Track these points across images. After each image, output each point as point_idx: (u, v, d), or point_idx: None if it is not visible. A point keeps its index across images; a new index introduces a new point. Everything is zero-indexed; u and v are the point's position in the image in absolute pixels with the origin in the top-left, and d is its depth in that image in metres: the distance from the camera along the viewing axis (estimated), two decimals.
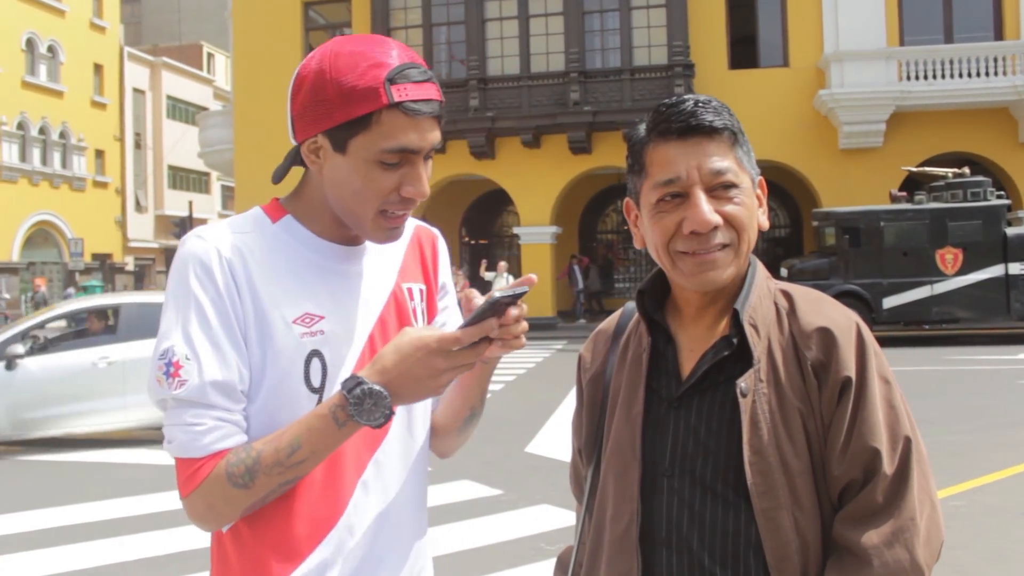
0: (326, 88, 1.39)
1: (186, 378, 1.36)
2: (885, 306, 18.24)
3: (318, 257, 1.50)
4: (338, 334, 1.47)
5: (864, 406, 1.36)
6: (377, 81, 1.37)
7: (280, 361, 1.42)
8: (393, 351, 1.35)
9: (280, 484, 1.38)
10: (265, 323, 1.42)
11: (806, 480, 1.36)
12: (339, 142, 1.41)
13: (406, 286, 1.60)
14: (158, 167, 47.28)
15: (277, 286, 1.44)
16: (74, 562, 5.71)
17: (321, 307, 1.46)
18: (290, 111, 1.45)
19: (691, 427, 1.41)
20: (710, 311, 1.47)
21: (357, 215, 1.45)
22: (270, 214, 1.52)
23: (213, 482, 1.36)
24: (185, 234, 1.45)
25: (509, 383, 14.30)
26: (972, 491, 6.83)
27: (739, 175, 1.40)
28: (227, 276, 1.40)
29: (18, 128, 37.03)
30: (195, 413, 1.37)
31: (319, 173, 1.46)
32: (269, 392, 1.43)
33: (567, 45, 23.48)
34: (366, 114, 1.37)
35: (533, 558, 5.54)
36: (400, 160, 1.41)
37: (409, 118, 1.39)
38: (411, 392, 1.36)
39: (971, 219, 17.97)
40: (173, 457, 1.40)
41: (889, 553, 1.30)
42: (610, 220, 30.98)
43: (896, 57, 22.34)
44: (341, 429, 1.36)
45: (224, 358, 1.38)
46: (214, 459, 1.37)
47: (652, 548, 1.41)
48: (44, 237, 39.03)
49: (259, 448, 1.37)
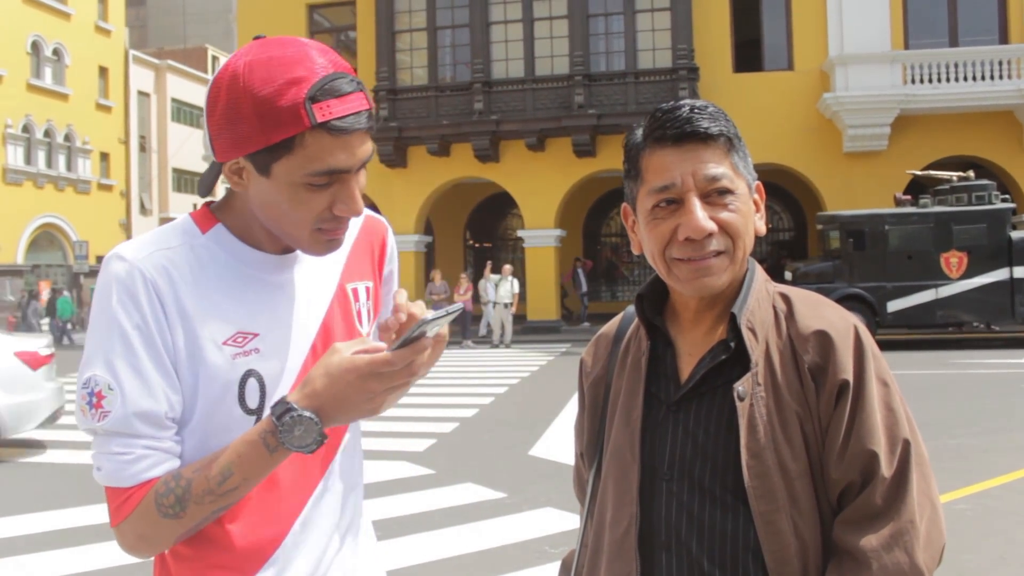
0: (241, 107, 1.28)
1: (108, 409, 1.30)
2: (889, 310, 18.22)
3: (251, 269, 1.42)
4: (275, 350, 1.41)
5: (862, 409, 1.36)
6: (296, 100, 1.27)
7: (213, 385, 1.36)
8: (323, 374, 1.28)
9: (213, 511, 1.32)
10: (196, 346, 1.35)
11: (804, 483, 1.36)
12: (262, 166, 1.32)
13: (351, 286, 1.54)
14: (163, 170, 47.36)
15: (207, 306, 1.36)
16: (73, 565, 5.71)
17: (255, 324, 1.39)
18: (207, 127, 1.35)
19: (689, 431, 1.42)
20: (708, 315, 1.48)
21: (290, 235, 1.38)
22: (200, 223, 1.44)
23: (143, 512, 1.31)
24: (109, 253, 1.39)
25: (513, 386, 14.30)
26: (977, 494, 6.82)
27: (735, 181, 1.40)
28: (152, 300, 1.33)
29: (23, 131, 37.09)
30: (121, 443, 1.32)
31: (245, 193, 1.39)
32: (202, 415, 1.37)
33: (571, 48, 23.48)
34: (287, 138, 1.28)
35: (536, 561, 5.53)
36: (330, 180, 1.33)
37: (335, 137, 1.29)
38: (344, 415, 1.30)
39: (976, 223, 17.95)
40: (102, 486, 1.35)
41: (888, 556, 1.30)
42: (614, 223, 30.97)
43: (901, 60, 22.33)
44: (272, 455, 1.30)
45: (149, 387, 1.32)
46: (143, 488, 1.31)
47: (651, 551, 1.41)
48: (49, 240, 39.08)
49: (189, 476, 1.31)
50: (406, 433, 9.96)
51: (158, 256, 1.36)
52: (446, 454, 8.99)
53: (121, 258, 1.36)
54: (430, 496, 7.25)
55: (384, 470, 8.11)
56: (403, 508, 6.84)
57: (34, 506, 7.24)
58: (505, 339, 22.10)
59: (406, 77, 24.74)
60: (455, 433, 10.24)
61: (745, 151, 1.44)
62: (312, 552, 1.46)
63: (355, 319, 1.53)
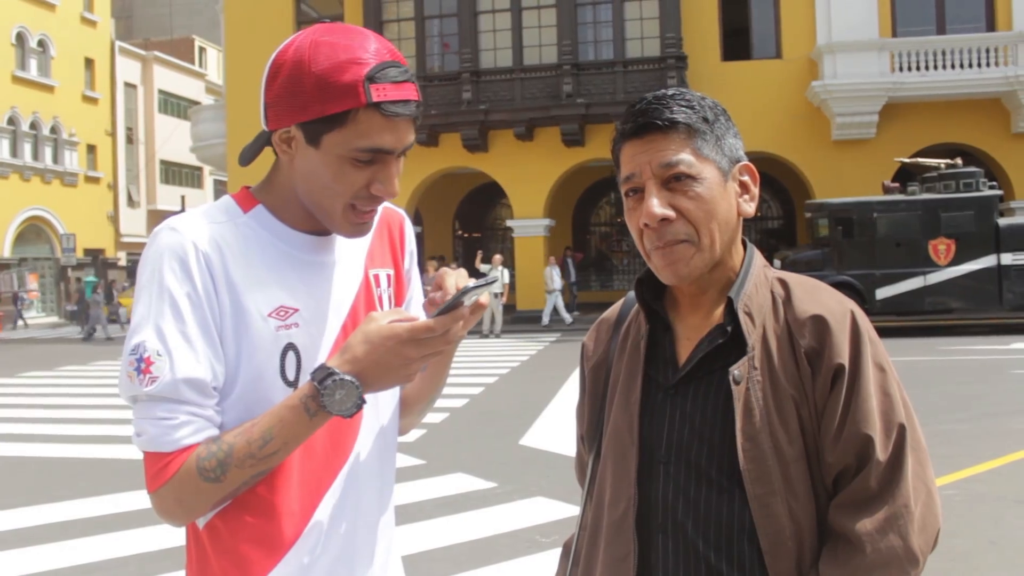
0: (303, 80, 1.35)
1: (157, 374, 1.33)
2: (878, 297, 18.29)
3: (290, 248, 1.47)
4: (312, 326, 1.45)
5: (857, 393, 1.36)
6: (356, 78, 1.34)
7: (257, 355, 1.40)
8: (363, 340, 1.34)
9: (252, 476, 1.36)
10: (242, 317, 1.39)
11: (800, 467, 1.37)
12: (313, 136, 1.38)
13: (373, 272, 1.58)
14: (150, 162, 47.16)
15: (252, 279, 1.41)
16: (66, 559, 5.70)
17: (295, 299, 1.44)
18: (264, 97, 1.42)
19: (687, 414, 1.43)
20: (705, 300, 1.49)
21: (325, 209, 1.43)
22: (241, 204, 1.49)
23: (184, 476, 1.33)
24: (160, 225, 1.43)
25: (503, 376, 14.31)
26: (966, 480, 6.87)
27: (696, 167, 1.40)
28: (204, 271, 1.38)
29: (9, 123, 36.88)
30: (167, 408, 1.34)
31: (290, 163, 1.44)
32: (245, 386, 1.41)
33: (560, 37, 23.45)
34: (342, 111, 1.35)
35: (528, 550, 5.54)
36: (373, 159, 1.39)
37: (386, 119, 1.37)
38: (382, 381, 1.36)
39: (964, 210, 18.01)
40: (142, 451, 1.37)
41: (882, 540, 1.31)
42: (603, 212, 31.00)
43: (889, 48, 22.37)
44: (312, 419, 1.35)
45: (196, 354, 1.35)
46: (184, 453, 1.34)
47: (648, 533, 1.43)
48: (36, 233, 38.90)
49: (230, 441, 1.34)
50: None
51: (209, 229, 1.42)
52: (437, 444, 9.00)
53: (174, 229, 1.40)
54: (421, 486, 7.25)
55: None
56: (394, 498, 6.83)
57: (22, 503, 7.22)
58: (495, 329, 22.10)
59: None
60: (446, 423, 10.25)
61: (719, 134, 1.44)
62: (347, 527, 1.49)
63: (377, 304, 1.57)
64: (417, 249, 1.73)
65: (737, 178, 1.47)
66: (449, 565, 5.34)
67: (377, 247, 1.62)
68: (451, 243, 31.32)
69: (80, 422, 11.20)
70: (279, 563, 1.42)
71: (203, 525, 1.44)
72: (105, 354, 21.28)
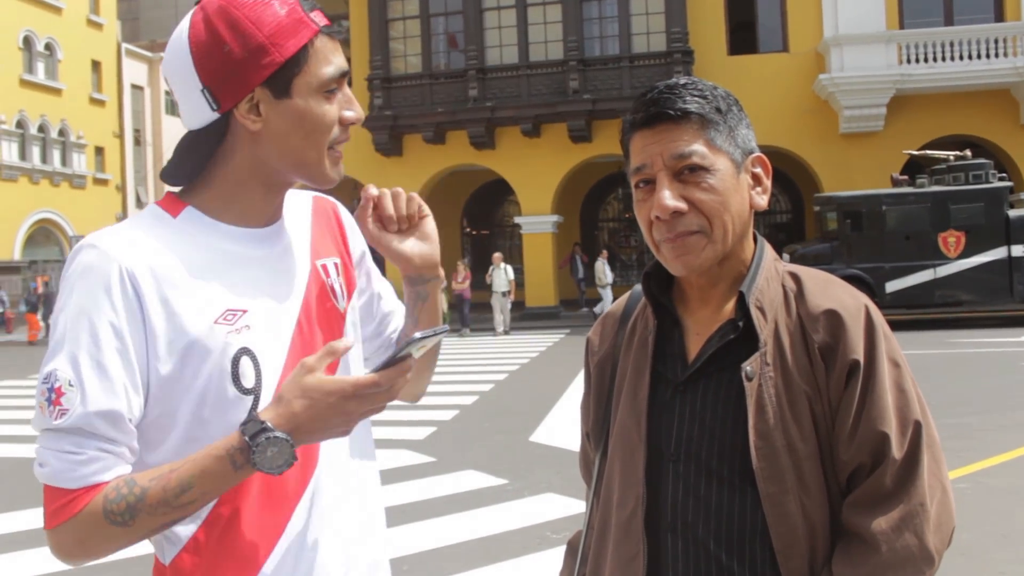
0: (249, 37, 1.30)
1: (68, 407, 1.23)
2: (888, 290, 18.22)
3: (230, 245, 1.39)
4: (265, 325, 1.37)
5: (873, 390, 1.34)
6: (297, 11, 1.32)
7: (203, 366, 1.30)
8: (300, 394, 1.23)
9: (162, 524, 1.25)
10: (181, 332, 1.29)
11: (813, 464, 1.34)
12: (281, 87, 1.33)
13: (320, 263, 1.51)
14: (158, 163, 47.25)
15: (190, 287, 1.31)
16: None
17: (242, 300, 1.35)
18: (202, 83, 1.32)
19: (697, 411, 1.40)
20: (715, 294, 1.46)
21: (311, 159, 1.38)
22: (169, 209, 1.39)
23: (87, 516, 1.23)
24: (80, 242, 1.32)
25: (512, 372, 14.30)
26: (977, 473, 6.83)
27: (709, 158, 1.37)
28: (128, 293, 1.27)
29: (17, 127, 36.97)
30: (74, 441, 1.24)
31: (257, 134, 1.36)
32: (196, 401, 1.31)
33: (565, 33, 23.41)
34: (303, 47, 1.32)
35: (538, 547, 5.53)
36: (338, 85, 1.37)
37: (332, 40, 1.37)
38: (318, 435, 1.27)
39: (973, 202, 17.92)
40: (42, 483, 1.26)
41: (898, 539, 1.29)
42: (611, 208, 30.96)
43: (896, 40, 22.27)
44: (237, 472, 1.24)
45: (112, 385, 1.25)
46: (91, 492, 1.23)
47: (657, 533, 1.40)
48: (45, 235, 39.00)
49: (144, 485, 1.23)
50: (407, 421, 9.96)
51: (134, 244, 1.31)
52: (447, 442, 9.00)
53: (93, 247, 1.30)
54: (431, 484, 7.25)
55: (385, 458, 8.10)
56: (404, 496, 6.84)
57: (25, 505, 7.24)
58: (505, 326, 22.08)
59: (400, 65, 24.66)
60: (455, 420, 10.25)
61: (732, 125, 1.41)
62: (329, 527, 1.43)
63: (330, 295, 1.50)
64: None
65: (750, 170, 1.44)
66: (460, 562, 5.34)
67: (318, 236, 1.54)
68: (459, 241, 31.31)
69: None
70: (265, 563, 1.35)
71: (169, 561, 1.35)
72: None
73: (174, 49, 1.36)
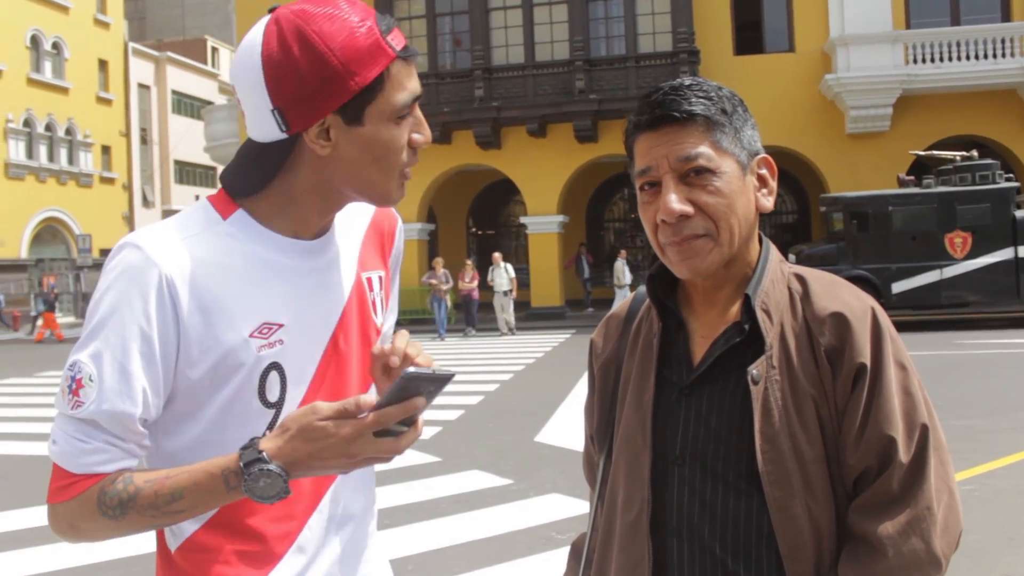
0: (326, 63, 1.26)
1: (84, 400, 1.26)
2: (894, 291, 18.18)
3: (276, 255, 1.37)
4: (298, 341, 1.37)
5: (879, 393, 1.33)
6: (375, 36, 1.28)
7: (234, 377, 1.32)
8: (301, 434, 1.22)
9: (153, 525, 1.28)
10: (216, 342, 1.30)
11: (819, 468, 1.34)
12: (354, 114, 1.30)
13: (366, 275, 1.50)
14: (164, 162, 47.33)
15: (230, 297, 1.31)
16: (77, 558, 5.72)
17: (279, 314, 1.35)
18: (273, 103, 1.29)
19: (702, 415, 1.39)
20: (720, 296, 1.45)
21: (380, 183, 1.36)
22: (220, 209, 1.38)
23: (82, 503, 1.27)
24: (124, 239, 1.32)
25: (518, 372, 14.30)
26: (984, 475, 6.81)
27: (715, 160, 1.36)
28: (163, 300, 1.27)
29: (24, 125, 37.07)
30: (85, 431, 1.27)
31: (326, 158, 1.34)
32: (220, 407, 1.33)
33: (571, 33, 23.41)
34: (379, 75, 1.29)
35: (543, 547, 5.53)
36: (411, 110, 1.36)
37: (407, 64, 1.34)
38: (316, 471, 1.26)
39: (980, 202, 17.88)
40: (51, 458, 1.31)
41: (905, 543, 1.28)
42: (617, 208, 30.95)
43: (902, 40, 22.23)
44: (229, 493, 1.25)
45: (130, 389, 1.27)
46: (90, 479, 1.27)
47: (663, 537, 1.39)
48: (52, 234, 39.10)
49: (139, 486, 1.26)
50: None
51: (179, 247, 1.31)
52: (452, 441, 8.99)
53: (137, 247, 1.29)
54: (436, 483, 7.25)
55: None
56: (409, 496, 6.85)
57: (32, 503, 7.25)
58: (509, 325, 22.02)
59: None
60: (461, 420, 10.24)
61: (738, 126, 1.40)
62: (341, 535, 1.45)
63: (370, 309, 1.49)
64: (429, 247, 1.67)
65: (755, 171, 1.43)
66: (465, 562, 5.34)
67: (368, 248, 1.54)
68: (465, 241, 31.32)
69: None
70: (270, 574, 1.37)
71: (174, 549, 1.37)
72: None
73: (245, 61, 1.31)
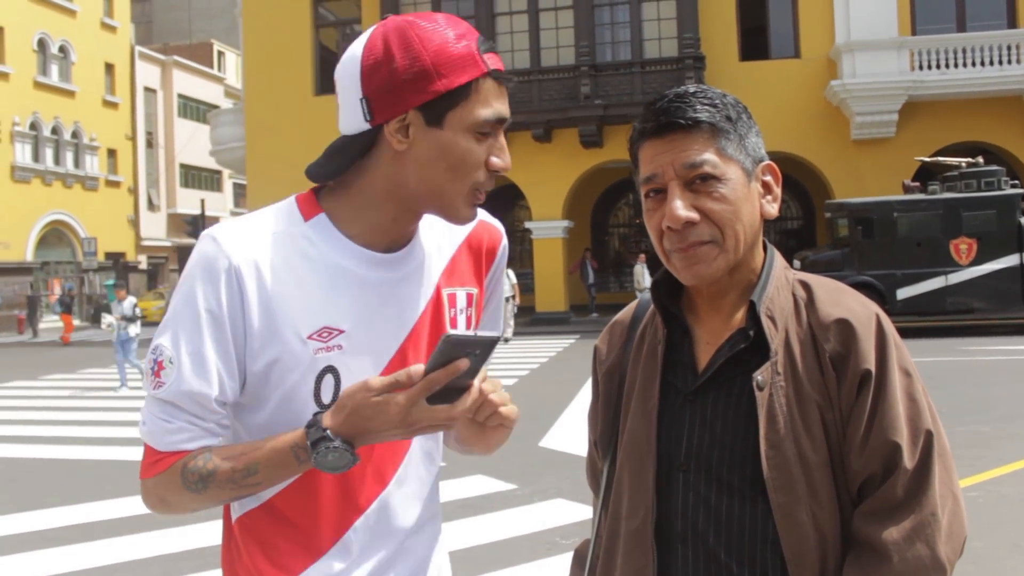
0: (418, 59, 1.32)
1: (164, 380, 1.35)
2: (899, 297, 18.15)
3: (349, 263, 1.41)
4: (360, 349, 1.40)
5: (884, 399, 1.33)
6: (472, 49, 1.34)
7: (289, 376, 1.38)
8: (354, 411, 1.29)
9: (233, 496, 1.37)
10: (276, 337, 1.36)
11: (824, 474, 1.34)
12: (435, 116, 1.34)
13: (448, 291, 1.52)
14: (170, 165, 47.42)
15: (296, 297, 1.37)
16: (87, 560, 5.73)
17: (343, 320, 1.39)
18: (363, 92, 1.36)
19: (707, 421, 1.40)
20: (725, 303, 1.45)
21: (449, 194, 1.39)
22: (303, 210, 1.44)
23: (169, 478, 1.36)
24: (201, 231, 1.39)
25: (522, 378, 14.29)
26: (989, 482, 6.80)
27: (720, 167, 1.37)
28: (232, 288, 1.35)
29: (31, 128, 37.19)
30: (167, 411, 1.36)
31: (398, 157, 1.38)
32: (276, 405, 1.40)
33: (577, 39, 23.43)
34: (465, 83, 1.33)
35: (547, 552, 5.53)
36: (492, 130, 1.38)
37: (499, 87, 1.38)
38: (382, 438, 1.32)
39: (985, 209, 17.84)
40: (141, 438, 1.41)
41: (910, 549, 1.28)
42: (622, 214, 30.94)
43: (908, 46, 22.21)
44: (300, 466, 1.34)
45: (206, 370, 1.35)
46: (175, 456, 1.36)
47: (668, 543, 1.40)
48: (58, 237, 39.20)
49: (217, 463, 1.34)
50: None
51: (252, 242, 1.38)
52: None
53: (213, 239, 1.38)
54: (440, 488, 7.23)
55: None
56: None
57: (45, 504, 7.27)
58: (507, 332, 21.87)
59: None
60: None
61: (742, 133, 1.40)
62: (388, 544, 1.48)
63: (447, 325, 1.51)
64: None
65: (760, 178, 1.43)
66: (469, 567, 5.33)
67: (461, 264, 1.56)
68: None
69: (102, 424, 11.26)
70: (312, 566, 1.42)
71: (235, 519, 1.46)
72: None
73: (349, 56, 1.39)
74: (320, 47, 26.38)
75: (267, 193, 25.05)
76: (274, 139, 25.00)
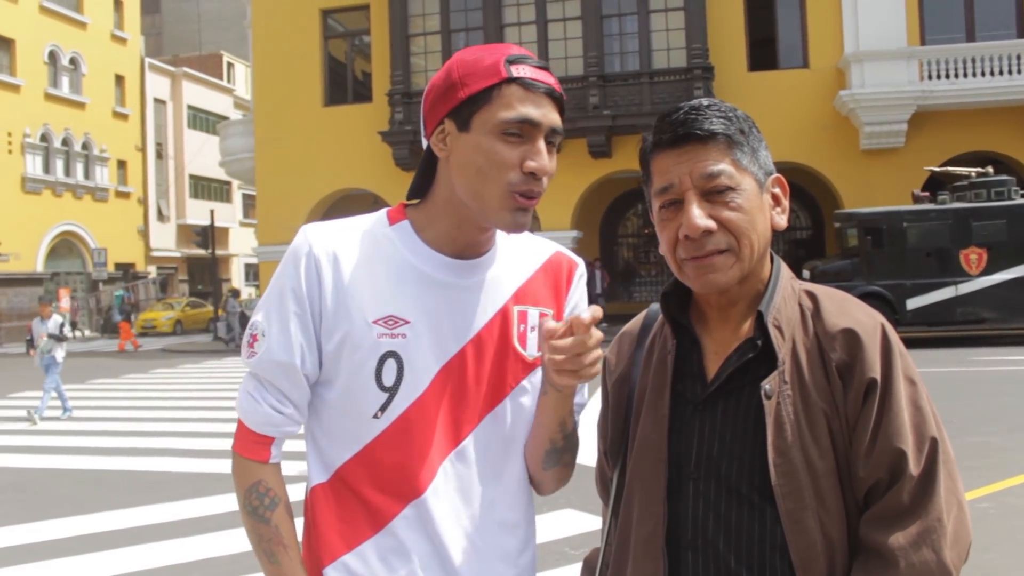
0: (451, 75, 1.48)
1: (258, 351, 1.53)
2: (909, 307, 18.10)
3: (422, 265, 1.54)
4: (421, 341, 1.51)
5: (889, 407, 1.35)
6: (497, 60, 1.46)
7: (355, 355, 1.50)
8: None
9: (250, 539, 1.56)
10: (345, 319, 1.50)
11: (831, 481, 1.36)
12: (463, 120, 1.47)
13: (519, 308, 1.60)
14: (180, 176, 47.58)
15: (367, 286, 1.51)
16: (101, 569, 5.74)
17: (407, 311, 1.52)
18: (423, 111, 1.54)
19: (716, 429, 1.42)
20: (733, 313, 1.48)
21: (484, 196, 1.47)
22: (391, 216, 1.60)
23: (242, 474, 1.55)
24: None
25: None
26: (1000, 493, 6.77)
27: (736, 178, 1.40)
28: (311, 272, 1.51)
29: (41, 140, 37.36)
30: (259, 390, 1.54)
31: (447, 163, 1.51)
32: (345, 382, 1.52)
33: (586, 49, 23.47)
34: (487, 88, 1.45)
35: (557, 563, 5.52)
36: (521, 132, 1.45)
37: (527, 91, 1.45)
38: None
39: (995, 219, 17.80)
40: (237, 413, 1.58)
41: (916, 554, 1.30)
42: (631, 224, 30.92)
43: (917, 56, 22.19)
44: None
45: (289, 342, 1.51)
46: (265, 448, 1.54)
47: (678, 551, 1.42)
48: (68, 247, 39.33)
49: (268, 519, 1.52)
50: None
51: (335, 237, 1.55)
52: None
53: (304, 233, 1.56)
54: None
55: None
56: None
57: (66, 513, 7.28)
58: None
59: (421, 80, 24.76)
60: None
61: (755, 146, 1.44)
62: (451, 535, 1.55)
63: (515, 340, 1.59)
64: None
65: (770, 190, 1.46)
66: None
67: (536, 285, 1.64)
68: None
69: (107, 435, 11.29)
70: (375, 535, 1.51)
71: (310, 487, 1.57)
72: (135, 368, 21.44)
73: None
74: (329, 58, 26.46)
75: (276, 204, 25.15)
76: (283, 150, 25.07)
